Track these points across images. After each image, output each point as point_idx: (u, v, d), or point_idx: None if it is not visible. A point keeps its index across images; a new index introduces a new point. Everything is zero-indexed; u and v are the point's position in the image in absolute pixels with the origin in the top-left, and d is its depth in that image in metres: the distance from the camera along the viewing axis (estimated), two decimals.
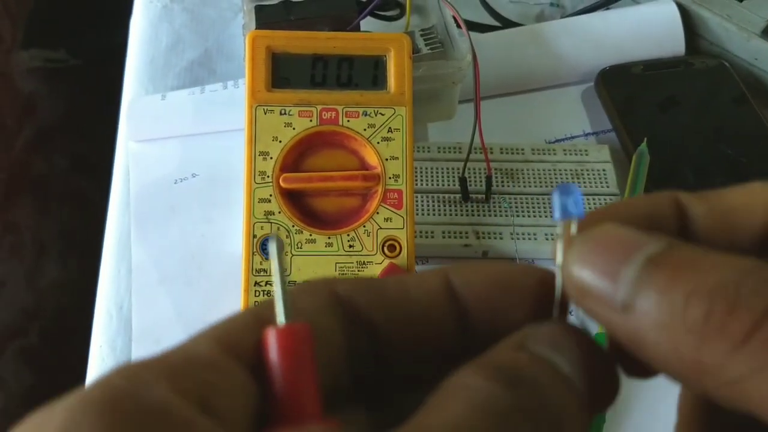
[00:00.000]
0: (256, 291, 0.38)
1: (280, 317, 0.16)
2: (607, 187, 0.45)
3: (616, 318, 0.16)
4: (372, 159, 0.39)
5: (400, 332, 0.18)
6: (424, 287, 0.18)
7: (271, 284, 0.38)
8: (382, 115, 0.40)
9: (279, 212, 0.38)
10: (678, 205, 0.18)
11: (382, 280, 0.19)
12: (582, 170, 0.46)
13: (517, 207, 0.44)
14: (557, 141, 0.49)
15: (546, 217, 0.44)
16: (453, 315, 0.18)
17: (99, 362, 0.42)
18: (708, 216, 0.18)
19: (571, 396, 0.16)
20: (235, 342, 0.16)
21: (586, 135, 0.50)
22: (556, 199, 0.17)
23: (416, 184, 0.44)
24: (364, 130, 0.39)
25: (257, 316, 0.17)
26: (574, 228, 0.17)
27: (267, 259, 0.38)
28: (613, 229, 0.16)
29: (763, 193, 0.18)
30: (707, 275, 0.15)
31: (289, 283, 0.20)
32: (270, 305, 0.16)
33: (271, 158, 0.39)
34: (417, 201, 0.44)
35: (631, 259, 0.16)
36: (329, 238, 0.38)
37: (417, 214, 0.43)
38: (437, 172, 0.46)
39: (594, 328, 0.17)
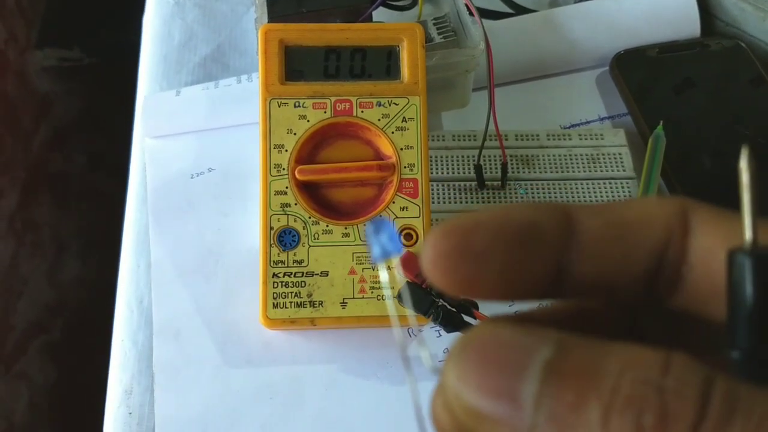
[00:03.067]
0: (274, 283, 0.38)
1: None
2: (624, 171, 0.45)
3: None
4: (387, 149, 0.39)
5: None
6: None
7: (289, 275, 0.38)
8: (396, 105, 0.40)
9: (295, 204, 0.39)
10: (566, 217, 0.16)
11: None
12: (598, 155, 0.46)
13: (532, 193, 0.44)
14: (572, 126, 0.49)
15: (563, 202, 0.44)
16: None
17: (121, 356, 0.42)
18: (601, 230, 0.16)
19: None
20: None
21: (602, 119, 0.50)
22: (372, 240, 0.16)
23: (431, 173, 0.44)
24: (379, 120, 0.39)
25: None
26: (396, 264, 0.16)
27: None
28: (493, 334, 0.14)
29: (658, 207, 0.17)
30: (618, 380, 0.13)
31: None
32: None
33: (287, 151, 0.39)
34: (432, 189, 0.44)
35: (525, 372, 0.14)
36: (346, 228, 0.39)
37: (433, 203, 0.43)
38: (452, 161, 0.46)
39: None
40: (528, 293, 0.17)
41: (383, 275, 0.16)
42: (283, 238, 0.38)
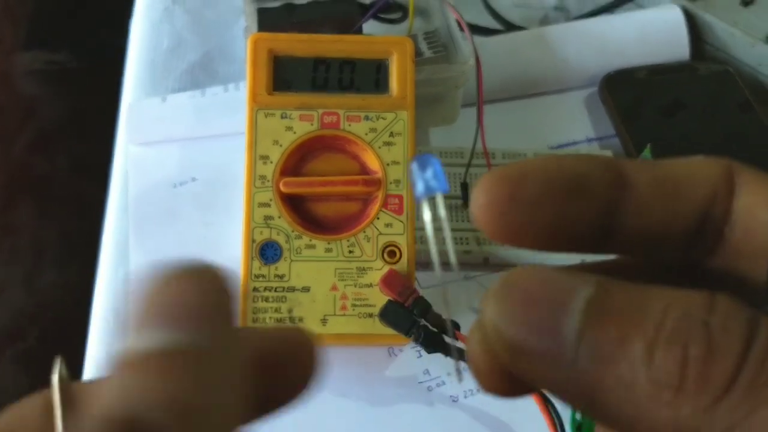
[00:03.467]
0: (254, 297, 0.37)
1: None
2: None
3: (564, 378, 0.14)
4: (373, 164, 0.39)
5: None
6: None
7: (269, 290, 0.38)
8: (384, 119, 0.39)
9: (279, 217, 0.38)
10: (616, 170, 0.17)
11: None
12: None
13: None
14: (560, 146, 0.49)
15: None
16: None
17: (95, 367, 0.41)
18: (650, 185, 0.16)
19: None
20: None
21: (590, 140, 0.49)
22: (416, 175, 0.16)
23: None
24: (366, 134, 0.39)
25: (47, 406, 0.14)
26: (440, 200, 0.16)
27: (266, 264, 0.38)
28: (535, 274, 0.15)
29: (706, 166, 0.17)
30: (662, 317, 0.13)
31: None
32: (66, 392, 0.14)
33: (272, 162, 0.38)
34: (418, 207, 0.44)
35: (568, 307, 0.14)
36: (329, 243, 0.38)
37: (417, 220, 0.43)
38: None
39: None
40: (574, 245, 0.17)
41: (426, 214, 0.16)
42: (265, 252, 0.38)
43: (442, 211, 0.16)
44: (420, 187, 0.15)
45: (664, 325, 0.13)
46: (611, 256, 0.18)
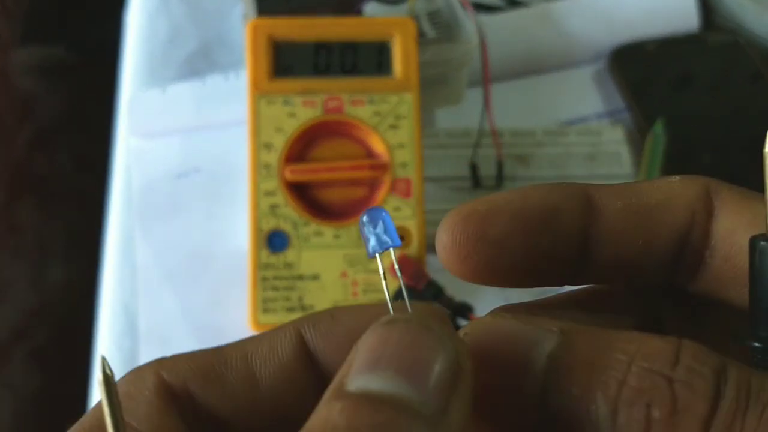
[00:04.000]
0: (264, 287, 0.37)
1: None
2: (622, 168, 0.44)
3: None
4: (379, 147, 0.38)
5: (251, 421, 0.15)
6: (272, 359, 0.15)
7: (279, 279, 0.37)
8: (388, 102, 0.39)
9: (285, 205, 0.37)
10: (586, 199, 0.16)
11: (221, 356, 0.15)
12: (596, 152, 0.45)
13: None
14: (570, 123, 0.48)
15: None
16: (313, 381, 0.15)
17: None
18: (622, 213, 0.16)
19: (411, 423, 0.12)
20: None
21: (600, 116, 0.49)
22: (367, 231, 0.15)
23: (425, 172, 0.43)
24: (370, 118, 0.38)
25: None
26: (393, 258, 0.15)
27: (273, 252, 0.37)
28: (495, 329, 0.14)
29: (683, 188, 0.16)
30: (626, 372, 0.13)
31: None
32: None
33: (276, 150, 0.38)
34: (426, 189, 0.43)
35: (529, 365, 0.13)
36: (337, 230, 0.37)
37: (427, 203, 0.42)
38: (446, 159, 0.44)
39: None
40: (548, 279, 0.16)
41: (381, 269, 0.16)
42: (273, 241, 0.37)
43: (396, 265, 0.16)
44: (372, 242, 0.15)
45: (628, 382, 0.13)
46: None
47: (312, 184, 0.38)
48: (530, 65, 0.50)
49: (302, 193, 0.38)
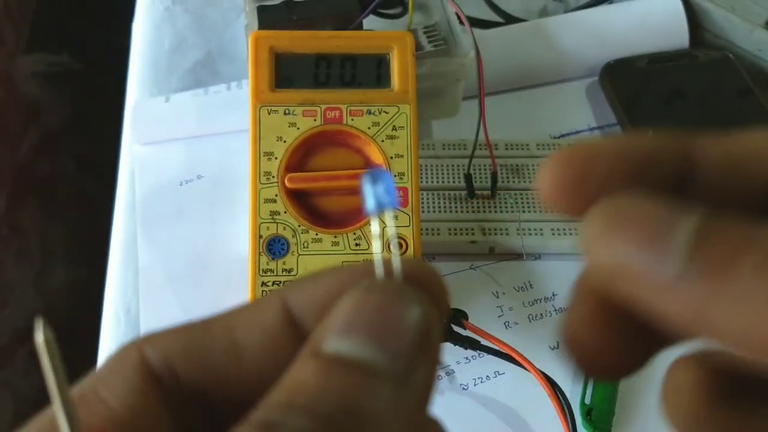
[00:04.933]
0: (263, 292, 0.38)
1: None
2: None
3: (666, 296, 0.13)
4: (377, 157, 0.39)
5: (236, 394, 0.15)
6: (256, 327, 0.15)
7: (278, 284, 0.38)
8: (386, 113, 0.39)
9: (285, 212, 0.38)
10: (685, 146, 0.16)
11: (205, 326, 0.16)
12: None
13: (522, 203, 0.44)
14: (562, 136, 0.49)
15: (552, 212, 0.44)
16: (297, 347, 0.15)
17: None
18: (721, 160, 0.15)
19: (378, 389, 0.13)
20: None
21: (591, 129, 0.50)
22: (367, 190, 0.15)
23: (421, 182, 0.44)
24: (369, 128, 0.39)
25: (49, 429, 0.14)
26: (389, 220, 0.15)
27: (274, 259, 0.38)
28: (640, 200, 0.14)
29: None
30: None
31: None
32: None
33: (276, 158, 0.39)
34: (422, 198, 0.44)
35: (678, 224, 0.13)
36: (335, 237, 0.38)
37: (423, 212, 0.43)
38: (442, 170, 0.45)
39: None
40: None
41: (374, 227, 0.16)
42: (273, 247, 0.38)
43: (392, 228, 0.16)
44: (370, 202, 0.15)
45: None
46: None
47: (311, 192, 0.39)
48: (524, 79, 0.51)
49: (302, 201, 0.39)
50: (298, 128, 0.39)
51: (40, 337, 0.13)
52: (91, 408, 0.14)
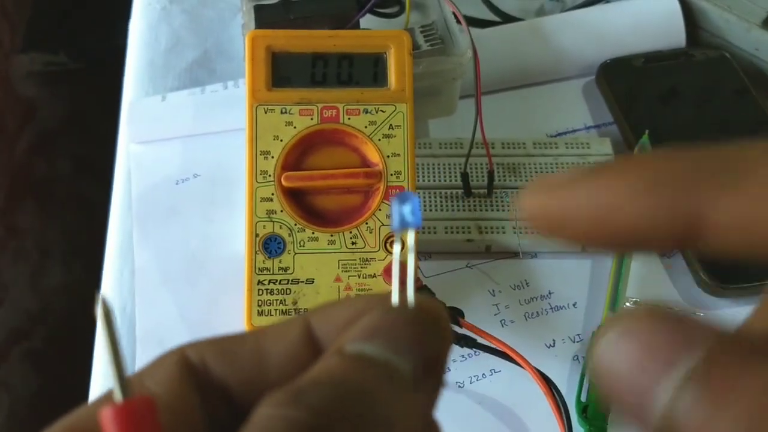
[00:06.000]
0: (259, 290, 0.38)
1: (117, 393, 0.15)
2: None
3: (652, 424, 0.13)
4: (373, 156, 0.39)
5: (258, 396, 0.16)
6: (281, 341, 0.17)
7: (274, 283, 0.38)
8: (383, 112, 0.39)
9: (281, 211, 0.38)
10: (685, 213, 0.14)
11: (239, 336, 0.18)
12: (584, 163, 0.46)
13: (519, 201, 0.44)
14: (559, 135, 0.49)
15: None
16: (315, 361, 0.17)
17: (103, 366, 0.42)
18: (736, 224, 0.13)
19: (391, 385, 0.15)
20: (82, 429, 0.15)
21: (588, 128, 0.50)
22: (394, 208, 0.17)
23: (418, 181, 0.44)
24: (365, 127, 0.39)
25: (105, 402, 0.15)
26: (410, 238, 0.17)
27: (270, 257, 0.38)
28: (658, 323, 0.13)
29: None
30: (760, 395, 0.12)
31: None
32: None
33: (273, 157, 0.39)
34: (419, 197, 0.44)
35: (674, 365, 0.13)
36: (332, 235, 0.38)
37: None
38: (439, 168, 0.45)
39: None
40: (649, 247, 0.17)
41: (396, 247, 0.18)
42: (269, 245, 0.38)
43: (412, 243, 0.17)
44: (396, 220, 0.17)
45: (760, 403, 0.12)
46: None
47: (308, 191, 0.39)
48: (521, 78, 0.51)
49: (298, 200, 0.39)
50: (294, 127, 0.39)
51: (99, 309, 0.16)
52: (137, 391, 0.16)
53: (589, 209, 0.15)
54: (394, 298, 0.17)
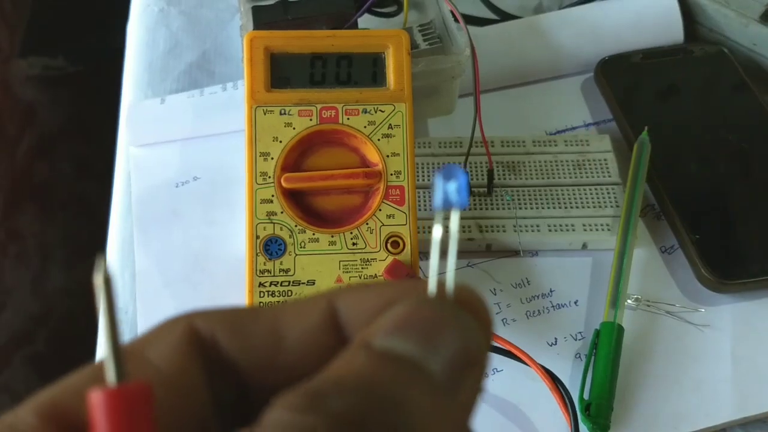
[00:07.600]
0: (260, 292, 0.38)
1: (110, 375, 0.13)
2: (609, 176, 0.45)
3: None
4: (373, 156, 0.39)
5: (270, 379, 0.15)
6: (300, 323, 0.15)
7: (275, 284, 0.38)
8: (382, 111, 0.39)
9: (281, 212, 0.38)
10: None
11: (254, 312, 0.16)
12: (583, 160, 0.46)
13: (519, 199, 0.44)
14: (558, 132, 0.49)
15: (549, 208, 0.44)
16: (337, 348, 0.15)
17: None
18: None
19: (425, 390, 0.13)
20: (63, 409, 0.14)
21: (587, 125, 0.50)
22: (438, 185, 0.14)
23: (418, 180, 0.44)
24: (365, 127, 0.39)
25: (95, 375, 0.14)
26: (454, 220, 0.14)
27: (270, 259, 0.38)
28: None
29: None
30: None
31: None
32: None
33: (272, 158, 0.39)
34: (419, 197, 0.44)
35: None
36: (332, 236, 0.38)
37: (419, 210, 0.43)
38: (438, 167, 0.45)
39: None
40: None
41: (436, 229, 0.15)
42: (270, 247, 0.38)
43: (455, 227, 0.15)
44: (438, 198, 0.14)
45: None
46: None
47: (308, 191, 0.39)
48: (520, 76, 0.51)
49: (298, 201, 0.39)
50: (293, 128, 0.39)
51: (99, 276, 0.14)
52: (136, 364, 0.15)
53: None
54: (431, 286, 0.15)
